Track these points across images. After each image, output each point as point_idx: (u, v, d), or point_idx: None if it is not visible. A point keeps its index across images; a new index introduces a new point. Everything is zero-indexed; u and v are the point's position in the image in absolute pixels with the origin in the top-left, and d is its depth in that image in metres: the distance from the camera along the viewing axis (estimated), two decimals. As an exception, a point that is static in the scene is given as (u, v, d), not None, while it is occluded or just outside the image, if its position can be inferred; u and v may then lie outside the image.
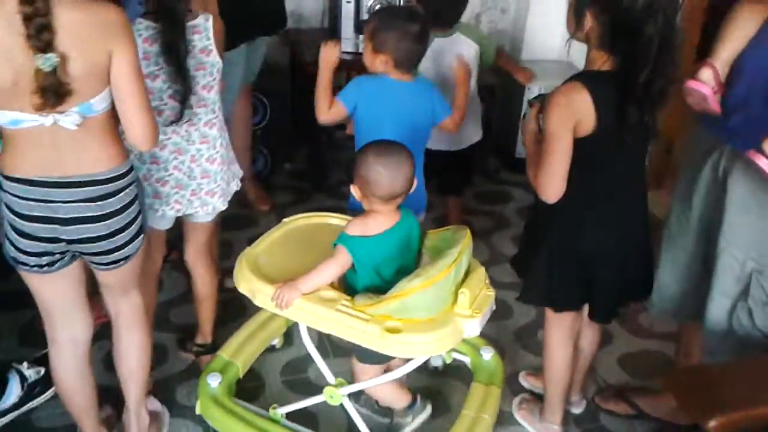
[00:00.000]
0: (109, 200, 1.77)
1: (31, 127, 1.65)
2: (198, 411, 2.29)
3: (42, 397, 2.18)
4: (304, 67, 3.60)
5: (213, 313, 2.58)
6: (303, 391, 2.45)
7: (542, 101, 1.98)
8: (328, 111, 2.38)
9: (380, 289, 1.91)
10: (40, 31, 1.54)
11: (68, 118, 1.65)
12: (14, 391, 2.08)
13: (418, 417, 2.30)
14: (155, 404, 2.36)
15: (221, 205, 2.34)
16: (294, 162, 4.06)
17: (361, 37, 3.57)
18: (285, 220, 2.31)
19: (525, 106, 3.92)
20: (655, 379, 2.60)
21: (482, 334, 2.75)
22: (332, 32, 3.81)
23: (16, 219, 1.75)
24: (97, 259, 1.87)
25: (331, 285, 2.00)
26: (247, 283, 2.02)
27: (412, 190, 1.98)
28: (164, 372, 2.58)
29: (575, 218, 2.00)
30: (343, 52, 3.60)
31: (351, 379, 2.21)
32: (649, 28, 1.74)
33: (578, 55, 1.99)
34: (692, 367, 2.28)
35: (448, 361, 2.58)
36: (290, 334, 2.70)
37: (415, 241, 2.05)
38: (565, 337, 2.21)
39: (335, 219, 2.30)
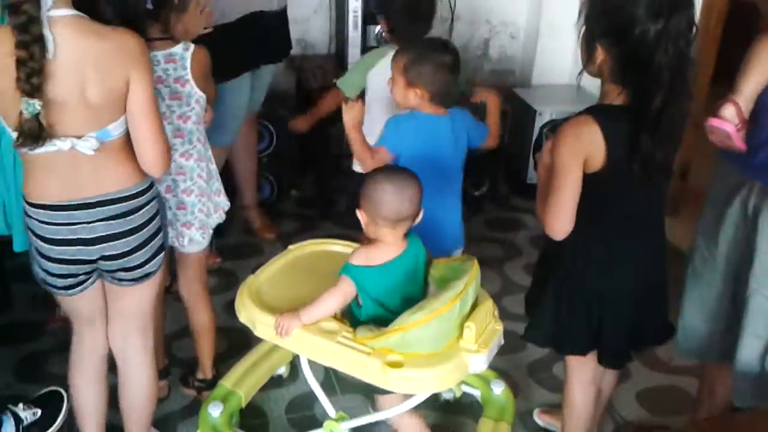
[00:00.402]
0: (129, 217, 1.81)
1: (48, 152, 1.67)
2: None
3: None
4: (311, 93, 3.56)
5: (212, 347, 2.51)
6: (308, 429, 2.34)
7: None
8: (373, 162, 2.25)
9: (385, 319, 1.85)
10: (29, 77, 1.56)
11: (86, 143, 1.69)
12: None
13: None
14: None
15: (199, 238, 2.27)
16: (300, 189, 3.99)
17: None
18: (290, 247, 2.27)
19: (536, 131, 3.86)
20: (674, 416, 2.50)
21: (494, 368, 2.69)
22: (339, 59, 3.77)
23: (42, 244, 1.80)
24: (119, 275, 1.89)
25: (334, 316, 1.94)
26: (247, 312, 1.98)
27: (419, 219, 1.93)
28: (165, 409, 2.49)
29: (583, 257, 1.90)
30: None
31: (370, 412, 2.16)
32: (659, 58, 1.67)
33: (590, 80, 1.92)
34: (717, 413, 2.19)
35: (458, 395, 2.51)
36: (296, 367, 2.62)
37: (421, 271, 1.98)
38: (588, 381, 2.09)
39: (340, 246, 2.26)
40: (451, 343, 1.85)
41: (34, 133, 1.61)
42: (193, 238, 2.25)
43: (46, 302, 2.55)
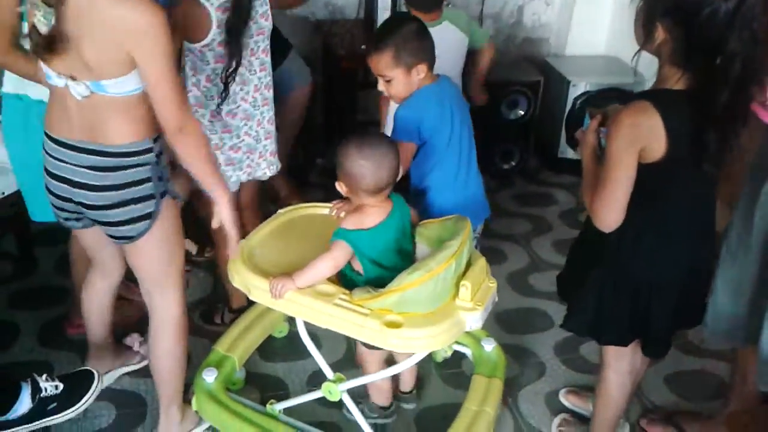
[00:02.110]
0: (110, 173, 1.81)
1: (57, 86, 1.75)
2: (194, 408, 2.24)
3: (58, 416, 2.02)
4: (338, 59, 3.48)
5: None
6: (330, 403, 2.31)
7: (605, 113, 1.78)
8: (407, 160, 2.20)
9: (386, 279, 1.84)
10: None
11: (77, 87, 1.72)
12: (24, 401, 1.96)
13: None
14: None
15: (278, 162, 2.52)
16: (326, 158, 3.93)
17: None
18: (280, 210, 2.26)
19: (570, 103, 3.75)
20: (704, 402, 2.43)
21: (521, 347, 2.65)
22: (368, 24, 3.68)
23: (45, 174, 1.89)
24: (103, 229, 1.93)
25: (330, 280, 1.94)
26: (241, 277, 1.98)
27: (399, 176, 1.92)
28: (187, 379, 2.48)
29: (632, 247, 1.81)
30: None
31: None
32: (732, 45, 1.51)
33: (626, 51, 1.80)
34: (750, 401, 2.12)
35: (449, 353, 2.52)
36: (318, 338, 2.58)
37: (408, 225, 2.00)
38: (625, 372, 2.04)
39: (329, 209, 2.23)
40: (448, 301, 1.87)
41: (48, 40, 1.65)
42: (276, 164, 2.51)
43: (69, 274, 2.54)
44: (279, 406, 2.21)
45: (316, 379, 2.49)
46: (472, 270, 1.92)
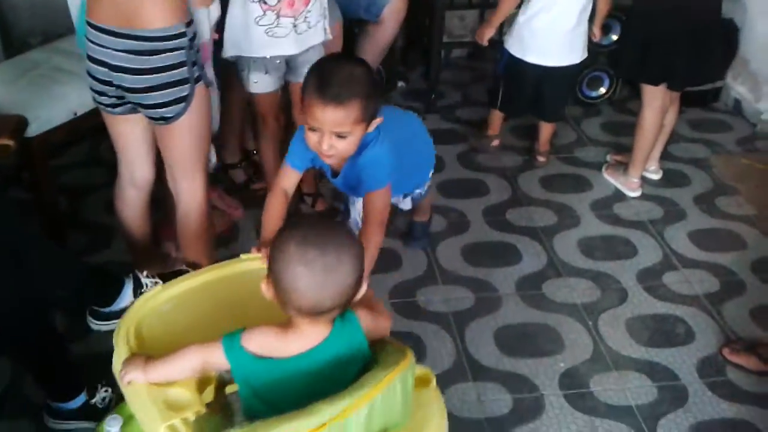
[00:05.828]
0: (150, 57, 1.89)
1: None
2: None
3: None
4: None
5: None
6: (410, 315, 2.40)
7: None
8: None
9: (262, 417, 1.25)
10: None
11: None
12: (127, 295, 2.05)
13: None
14: None
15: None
16: (408, 81, 3.90)
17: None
18: (242, 256, 1.69)
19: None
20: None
21: (603, 273, 2.64)
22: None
23: (87, 60, 1.99)
24: (142, 111, 2.01)
25: (217, 382, 1.48)
26: (115, 335, 1.50)
27: (359, 295, 1.30)
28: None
29: (650, 8, 2.71)
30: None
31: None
32: None
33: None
34: None
35: None
36: (399, 257, 2.64)
37: (353, 363, 1.33)
38: (657, 108, 2.85)
39: None
40: None
41: None
42: None
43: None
44: None
45: (399, 293, 2.52)
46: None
